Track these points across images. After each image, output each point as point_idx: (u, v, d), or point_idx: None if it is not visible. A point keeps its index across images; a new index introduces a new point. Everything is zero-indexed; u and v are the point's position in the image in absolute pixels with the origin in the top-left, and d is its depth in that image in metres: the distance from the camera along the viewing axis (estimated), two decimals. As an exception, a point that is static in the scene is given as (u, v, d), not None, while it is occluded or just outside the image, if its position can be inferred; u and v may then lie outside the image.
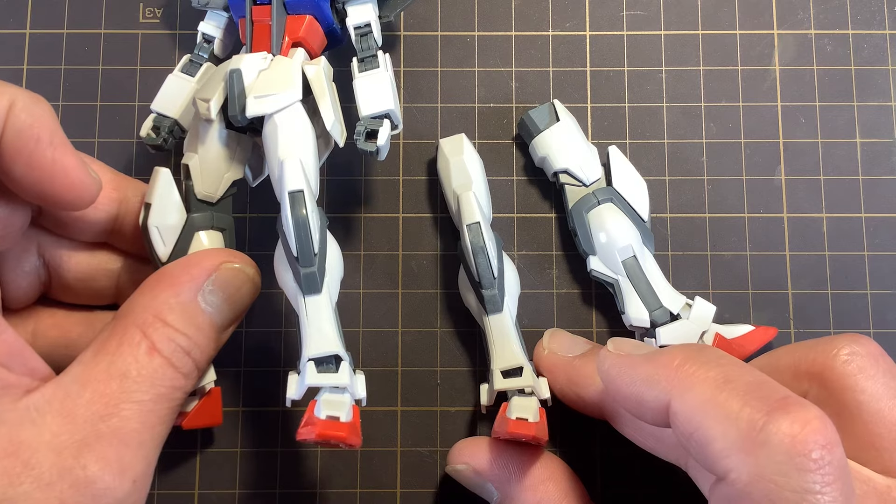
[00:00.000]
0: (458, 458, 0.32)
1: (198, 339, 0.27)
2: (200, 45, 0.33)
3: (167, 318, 0.26)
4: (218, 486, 0.34)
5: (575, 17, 0.37)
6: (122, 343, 0.25)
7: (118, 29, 0.37)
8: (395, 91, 0.31)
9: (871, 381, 0.26)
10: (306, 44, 0.31)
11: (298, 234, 0.27)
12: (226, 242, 0.31)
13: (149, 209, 0.29)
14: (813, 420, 0.21)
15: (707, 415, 0.23)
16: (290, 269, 0.27)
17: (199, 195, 0.30)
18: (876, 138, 0.36)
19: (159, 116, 0.32)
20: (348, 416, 0.26)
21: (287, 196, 0.27)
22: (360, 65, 0.31)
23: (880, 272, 0.35)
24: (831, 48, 0.37)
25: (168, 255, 0.30)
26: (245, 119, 0.29)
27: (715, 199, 0.36)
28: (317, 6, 0.31)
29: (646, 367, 0.25)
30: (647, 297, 0.33)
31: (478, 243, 0.31)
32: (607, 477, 0.34)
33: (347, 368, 0.27)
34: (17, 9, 0.37)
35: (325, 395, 0.27)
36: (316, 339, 0.27)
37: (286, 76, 0.29)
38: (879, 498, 0.23)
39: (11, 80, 0.36)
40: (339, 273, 0.29)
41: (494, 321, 0.31)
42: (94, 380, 0.25)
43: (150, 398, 0.25)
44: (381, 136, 0.29)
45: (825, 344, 0.28)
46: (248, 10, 0.31)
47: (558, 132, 0.34)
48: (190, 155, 0.30)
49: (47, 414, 0.24)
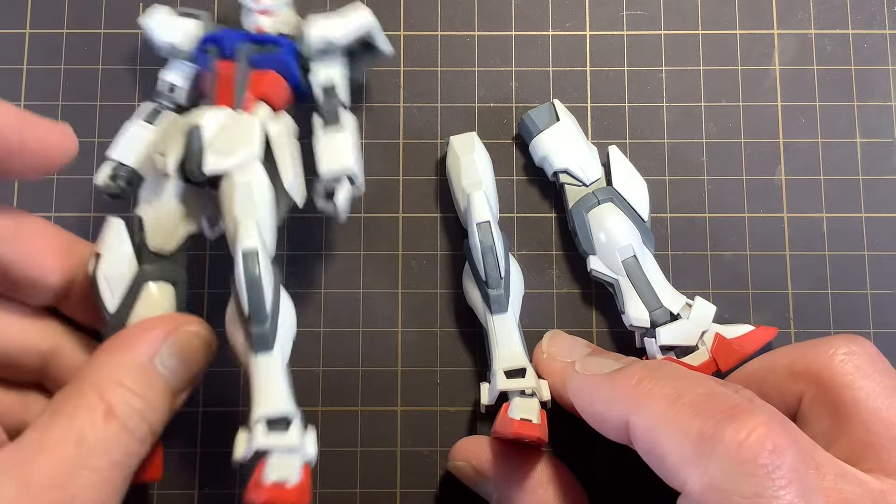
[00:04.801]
0: (459, 455, 0.32)
1: (154, 403, 0.26)
2: (161, 93, 0.33)
3: (124, 380, 0.26)
4: (218, 486, 0.34)
5: (575, 17, 0.37)
6: (79, 406, 0.25)
7: (118, 29, 0.37)
8: (357, 150, 0.30)
9: (868, 380, 0.26)
10: (270, 100, 0.31)
11: (251, 294, 0.27)
12: (177, 296, 0.30)
13: (99, 259, 0.29)
14: (759, 426, 0.22)
15: (661, 431, 0.23)
16: (242, 327, 0.27)
17: (151, 247, 0.30)
18: (876, 138, 0.36)
19: (118, 164, 0.31)
20: (297, 477, 0.26)
21: (240, 255, 0.27)
22: (323, 124, 0.31)
23: (880, 272, 0.35)
24: (831, 48, 0.37)
25: (116, 306, 0.29)
26: (203, 175, 0.28)
27: (715, 199, 0.36)
28: (284, 64, 0.31)
29: (607, 387, 0.26)
30: (647, 296, 0.33)
31: (487, 242, 0.31)
32: (607, 479, 0.34)
33: (298, 427, 0.27)
34: (17, 9, 0.37)
35: (273, 457, 0.26)
36: (265, 398, 0.27)
37: (246, 133, 0.29)
38: (874, 501, 0.23)
39: (11, 80, 0.36)
40: (291, 331, 0.29)
41: (499, 321, 0.31)
42: (50, 444, 0.24)
43: (105, 465, 0.24)
44: (341, 196, 0.29)
45: (822, 344, 0.28)
46: (212, 65, 0.31)
47: (558, 132, 0.34)
48: (144, 207, 0.30)
49: (3, 480, 0.23)
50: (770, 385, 0.29)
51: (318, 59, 0.32)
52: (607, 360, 0.29)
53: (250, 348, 0.27)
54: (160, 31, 0.32)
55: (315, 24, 0.32)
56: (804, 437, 0.25)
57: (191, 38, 0.32)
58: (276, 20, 0.32)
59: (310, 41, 0.31)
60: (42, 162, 0.27)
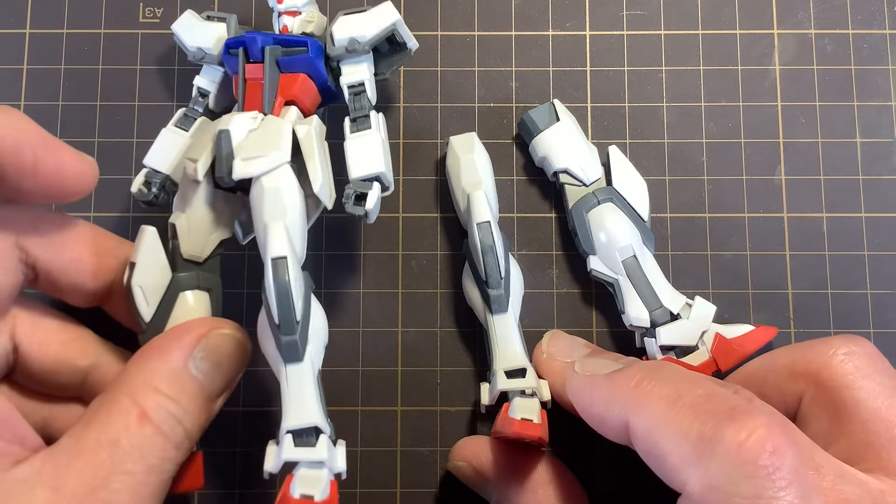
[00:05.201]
0: (459, 455, 0.32)
1: (189, 407, 0.26)
2: (195, 98, 0.33)
3: (158, 385, 0.26)
4: (218, 486, 0.34)
5: (575, 17, 0.37)
6: (112, 412, 0.25)
7: (118, 29, 0.37)
8: (387, 152, 0.30)
9: (867, 380, 0.26)
10: (299, 102, 0.31)
11: (280, 302, 0.26)
12: (212, 303, 0.30)
13: (133, 268, 0.29)
14: (759, 427, 0.22)
15: (661, 432, 0.23)
16: (272, 336, 0.27)
17: (185, 255, 0.30)
18: (876, 138, 0.36)
19: (151, 171, 0.32)
20: (324, 493, 0.26)
21: (270, 262, 0.26)
22: (352, 125, 0.31)
23: (880, 272, 0.35)
24: (831, 48, 0.37)
25: (151, 315, 0.29)
26: (232, 181, 0.28)
27: (715, 199, 0.36)
28: (311, 65, 0.31)
29: (606, 388, 0.26)
30: (647, 296, 0.33)
31: (487, 242, 0.31)
32: (608, 479, 0.34)
33: (326, 441, 0.26)
34: (17, 9, 0.37)
35: (301, 470, 0.26)
36: (295, 409, 0.26)
37: (275, 137, 0.28)
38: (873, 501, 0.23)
39: (11, 81, 0.36)
40: (323, 340, 0.28)
41: (499, 321, 0.31)
42: (84, 450, 0.24)
43: (140, 469, 0.24)
44: (370, 199, 0.29)
45: (821, 344, 0.28)
46: (241, 68, 0.30)
47: (558, 132, 0.34)
48: (177, 214, 0.30)
49: (36, 486, 0.23)
50: (770, 385, 0.29)
51: (345, 59, 0.32)
52: (607, 360, 0.29)
53: (280, 358, 0.27)
54: (187, 35, 0.33)
55: (340, 23, 0.31)
56: (804, 438, 0.25)
57: (218, 42, 0.32)
58: (301, 20, 0.32)
59: (336, 40, 0.31)
60: (55, 186, 0.27)
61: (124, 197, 0.35)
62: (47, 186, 0.27)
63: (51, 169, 0.26)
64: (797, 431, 0.25)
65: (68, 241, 0.29)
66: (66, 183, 0.27)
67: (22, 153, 0.26)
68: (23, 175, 0.26)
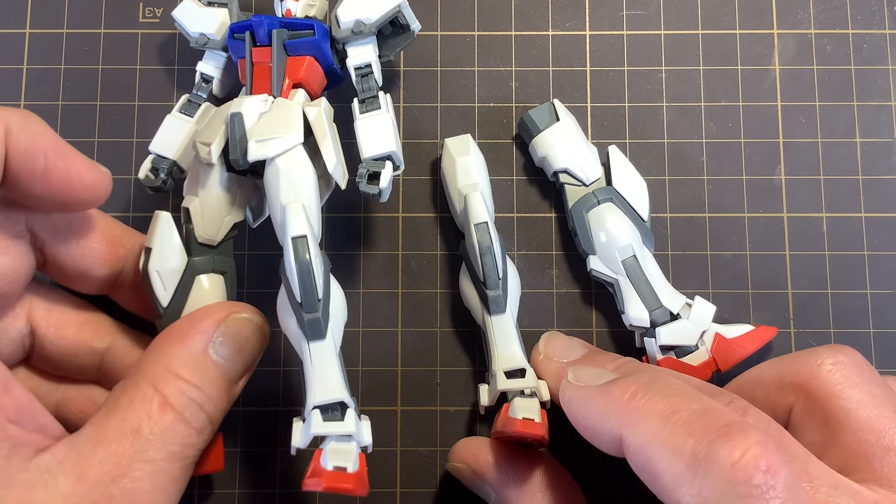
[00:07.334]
0: (458, 457, 0.32)
1: (210, 392, 0.26)
2: (199, 84, 0.33)
3: (178, 371, 0.26)
4: (218, 486, 0.34)
5: (575, 17, 0.37)
6: (134, 399, 0.25)
7: (118, 29, 0.37)
8: (396, 132, 0.30)
9: (856, 390, 0.26)
10: (307, 85, 0.31)
11: (302, 280, 0.27)
12: (227, 286, 0.31)
13: (149, 254, 0.29)
14: (753, 446, 0.22)
15: (655, 448, 0.23)
16: (294, 314, 0.27)
17: (199, 238, 0.30)
18: (876, 138, 0.36)
19: (158, 157, 0.32)
20: (355, 465, 0.26)
21: (290, 242, 0.27)
22: (360, 106, 0.31)
23: (880, 272, 0.35)
24: (831, 48, 0.37)
25: (169, 299, 0.29)
26: (247, 163, 0.28)
27: (715, 199, 0.36)
28: (317, 47, 0.31)
29: (600, 400, 0.26)
30: (647, 296, 0.33)
31: (485, 243, 0.31)
32: (607, 482, 0.34)
33: (353, 415, 0.27)
34: (17, 9, 0.37)
35: (331, 443, 0.26)
36: (321, 386, 0.27)
37: (287, 119, 0.29)
38: None
39: (11, 81, 0.36)
40: (342, 317, 0.29)
41: (497, 322, 0.31)
42: (107, 438, 0.24)
43: (162, 457, 0.24)
44: (383, 178, 0.29)
45: (809, 355, 0.28)
46: (248, 52, 0.31)
47: (558, 132, 0.34)
48: (190, 198, 0.30)
49: (59, 475, 0.23)
50: (759, 399, 0.29)
51: (351, 42, 0.32)
52: (600, 369, 0.29)
53: (303, 336, 0.27)
54: (189, 21, 0.33)
55: (346, 5, 0.32)
56: (799, 448, 0.24)
57: (221, 27, 0.32)
58: (304, 3, 0.32)
59: (341, 22, 0.31)
60: (65, 193, 0.27)
61: (124, 196, 0.35)
62: (57, 193, 0.27)
63: (61, 176, 0.26)
64: (792, 442, 0.25)
65: (76, 227, 0.29)
66: (77, 191, 0.27)
67: (34, 158, 0.26)
68: (33, 180, 0.26)
